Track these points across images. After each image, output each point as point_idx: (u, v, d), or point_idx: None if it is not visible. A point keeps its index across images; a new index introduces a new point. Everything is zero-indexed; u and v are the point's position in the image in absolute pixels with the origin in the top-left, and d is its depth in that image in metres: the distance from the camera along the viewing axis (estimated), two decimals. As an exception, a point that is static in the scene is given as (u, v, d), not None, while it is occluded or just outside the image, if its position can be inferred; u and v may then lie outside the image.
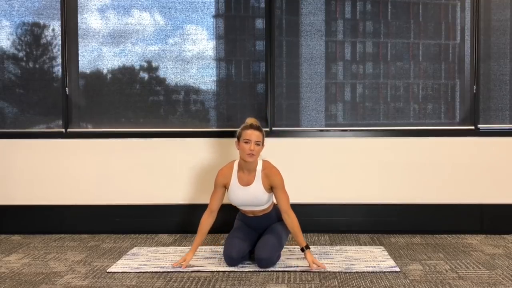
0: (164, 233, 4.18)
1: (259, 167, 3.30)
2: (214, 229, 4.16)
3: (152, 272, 3.16)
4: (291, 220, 3.24)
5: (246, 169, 3.29)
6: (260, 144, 3.22)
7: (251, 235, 3.39)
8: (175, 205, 4.20)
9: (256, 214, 3.40)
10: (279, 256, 3.32)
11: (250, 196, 3.28)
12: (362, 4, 4.24)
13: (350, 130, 4.20)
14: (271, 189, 3.30)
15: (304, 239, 3.24)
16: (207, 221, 3.34)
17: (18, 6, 4.29)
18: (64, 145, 4.23)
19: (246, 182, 3.29)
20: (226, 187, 3.34)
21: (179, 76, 4.28)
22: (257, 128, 3.23)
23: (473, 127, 4.16)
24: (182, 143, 4.20)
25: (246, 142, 3.19)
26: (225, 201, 4.14)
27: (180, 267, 3.21)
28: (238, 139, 3.26)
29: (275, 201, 3.39)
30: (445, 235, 4.06)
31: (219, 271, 3.16)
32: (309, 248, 3.23)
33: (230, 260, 3.22)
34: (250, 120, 3.30)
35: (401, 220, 4.14)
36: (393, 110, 4.25)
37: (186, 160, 4.19)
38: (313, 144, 4.17)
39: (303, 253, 3.22)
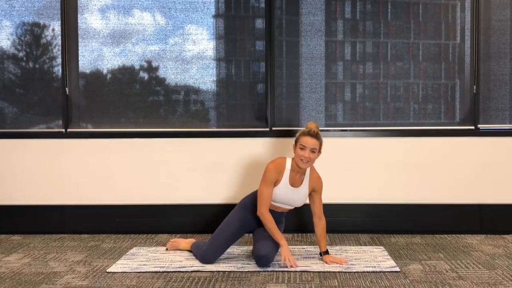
0: (164, 233, 4.18)
1: (308, 170, 3.38)
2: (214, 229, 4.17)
3: (152, 272, 3.17)
4: (322, 225, 3.40)
5: (298, 171, 3.33)
6: (316, 151, 3.26)
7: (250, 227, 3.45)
8: (175, 205, 4.20)
9: (283, 211, 3.45)
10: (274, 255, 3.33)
11: (294, 197, 3.35)
12: (362, 4, 4.24)
13: (350, 130, 4.20)
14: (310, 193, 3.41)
15: (326, 245, 3.41)
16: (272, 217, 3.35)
17: (18, 6, 4.29)
18: (64, 145, 4.23)
19: (295, 183, 3.35)
20: (275, 183, 3.32)
21: (179, 76, 4.28)
22: (315, 136, 3.24)
23: (473, 127, 4.16)
24: (182, 143, 4.20)
25: (301, 148, 3.23)
26: (225, 201, 4.15)
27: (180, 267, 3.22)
28: (296, 143, 3.29)
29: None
30: (445, 235, 4.06)
31: (219, 271, 3.16)
32: (328, 253, 3.38)
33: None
34: (310, 125, 3.33)
35: (401, 220, 4.14)
36: (393, 110, 4.25)
37: (186, 160, 4.19)
38: (313, 144, 4.16)
39: (321, 256, 3.39)
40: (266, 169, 3.30)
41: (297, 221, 4.09)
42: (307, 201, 3.44)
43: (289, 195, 3.33)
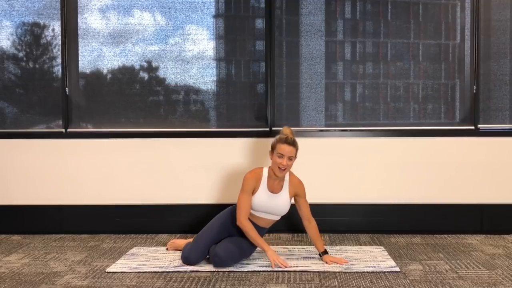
0: (164, 233, 4.18)
1: (287, 176, 3.37)
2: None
3: (152, 272, 3.16)
4: (313, 227, 3.40)
5: (276, 178, 3.32)
6: (293, 158, 3.25)
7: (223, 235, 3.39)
8: (175, 205, 4.20)
9: (265, 226, 3.41)
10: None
11: (275, 204, 3.31)
12: (362, 4, 4.24)
13: (350, 130, 4.20)
14: (293, 198, 3.39)
15: (323, 245, 3.39)
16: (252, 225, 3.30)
17: (18, 6, 4.29)
18: (64, 145, 4.23)
19: (274, 189, 3.33)
20: (254, 191, 3.31)
21: (179, 76, 4.28)
22: (292, 143, 3.23)
23: (473, 127, 4.16)
24: (182, 143, 4.20)
25: (279, 156, 3.22)
26: (225, 201, 4.15)
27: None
28: (272, 150, 3.28)
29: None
30: (445, 235, 4.06)
31: (219, 271, 3.16)
32: (328, 253, 3.37)
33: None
34: (286, 131, 3.31)
35: (401, 220, 4.14)
36: (393, 110, 4.25)
37: (186, 160, 4.19)
38: (313, 144, 4.17)
39: (321, 257, 3.37)
40: (243, 179, 3.30)
41: (297, 221, 4.08)
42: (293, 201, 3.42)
43: (269, 202, 3.30)
